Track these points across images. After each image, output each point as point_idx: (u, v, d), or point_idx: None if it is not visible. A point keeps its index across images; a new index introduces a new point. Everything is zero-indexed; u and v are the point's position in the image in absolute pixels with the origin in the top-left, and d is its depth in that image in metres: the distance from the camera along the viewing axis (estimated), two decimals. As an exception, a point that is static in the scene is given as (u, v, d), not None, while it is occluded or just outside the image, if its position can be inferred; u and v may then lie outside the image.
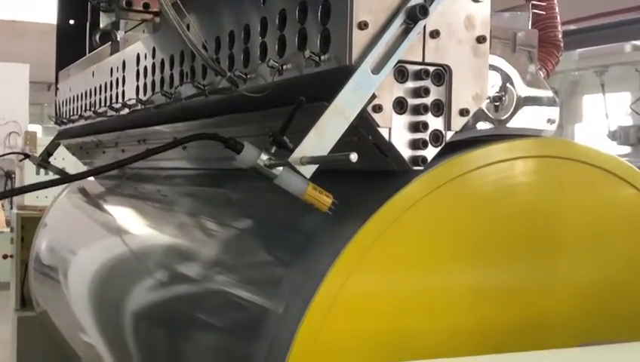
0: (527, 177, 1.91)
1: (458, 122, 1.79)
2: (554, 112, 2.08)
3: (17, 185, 13.81)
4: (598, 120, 8.83)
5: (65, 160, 5.26)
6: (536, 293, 1.92)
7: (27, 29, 25.56)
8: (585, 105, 8.98)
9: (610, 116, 8.48)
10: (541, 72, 2.12)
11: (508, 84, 1.97)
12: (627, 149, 8.50)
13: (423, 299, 1.78)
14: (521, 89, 2.00)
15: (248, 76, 2.08)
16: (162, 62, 2.73)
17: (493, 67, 1.91)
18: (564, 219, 1.96)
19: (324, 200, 1.70)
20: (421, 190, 1.76)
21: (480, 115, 1.91)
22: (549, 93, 2.07)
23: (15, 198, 14.51)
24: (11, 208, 14.66)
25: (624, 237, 2.04)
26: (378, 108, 1.70)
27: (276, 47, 1.95)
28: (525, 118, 2.01)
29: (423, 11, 1.66)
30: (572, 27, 7.80)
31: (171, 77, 2.64)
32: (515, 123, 1.99)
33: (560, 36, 2.21)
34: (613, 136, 8.37)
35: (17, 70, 17.46)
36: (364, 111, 1.68)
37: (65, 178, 2.57)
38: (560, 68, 7.69)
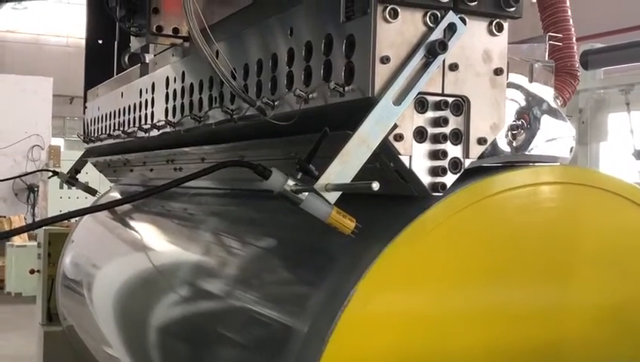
0: (544, 203, 1.98)
1: (476, 150, 1.87)
2: (570, 139, 2.16)
3: (40, 198, 14.02)
4: (624, 138, 8.76)
5: (88, 174, 5.40)
6: (555, 316, 1.99)
7: (50, 43, 25.96)
8: (610, 124, 8.93)
9: (635, 135, 8.42)
10: (558, 101, 2.20)
11: (525, 113, 2.05)
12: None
13: (445, 319, 1.86)
14: (538, 117, 2.08)
15: (275, 103, 2.17)
16: (191, 86, 2.83)
17: (510, 97, 1.99)
18: (581, 245, 2.03)
19: (348, 223, 1.78)
20: (440, 215, 1.84)
21: (498, 143, 1.99)
22: (566, 121, 2.15)
23: (38, 211, 14.74)
24: (33, 220, 14.90)
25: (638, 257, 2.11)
26: (399, 137, 1.79)
27: (302, 76, 2.05)
28: (542, 146, 2.08)
29: (442, 46, 1.75)
30: (598, 45, 7.82)
31: (200, 101, 2.75)
32: (532, 150, 2.07)
33: (577, 65, 2.29)
34: (638, 154, 8.32)
35: (41, 84, 17.68)
36: (386, 139, 1.77)
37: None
38: (585, 86, 7.66)
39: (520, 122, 2.04)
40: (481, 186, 1.89)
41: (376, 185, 1.61)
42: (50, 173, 4.72)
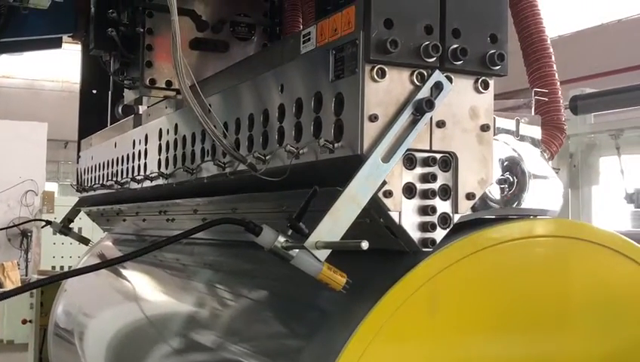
0: (533, 256, 2.00)
1: (465, 205, 1.89)
2: (558, 192, 2.18)
3: (34, 244, 13.94)
4: (616, 181, 8.78)
5: (82, 220, 5.40)
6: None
7: (45, 88, 26.11)
8: (601, 167, 8.96)
9: (627, 178, 8.45)
10: (545, 154, 2.23)
11: (513, 168, 2.08)
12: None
13: (434, 374, 1.86)
14: (526, 171, 2.11)
15: (267, 158, 2.20)
16: (184, 139, 2.87)
17: (498, 152, 2.02)
18: (572, 297, 2.04)
19: (339, 279, 1.80)
20: (430, 270, 1.86)
21: (487, 197, 2.02)
22: (553, 174, 2.18)
23: (31, 256, 14.65)
24: (27, 266, 14.82)
25: (631, 312, 2.12)
26: (389, 194, 1.81)
27: (293, 132, 2.08)
28: (530, 199, 2.11)
29: (429, 105, 1.78)
30: (587, 90, 7.91)
31: (192, 153, 2.78)
32: (520, 204, 2.09)
33: (563, 119, 2.33)
34: (630, 198, 8.34)
35: (35, 129, 17.69)
36: (375, 196, 1.79)
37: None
38: (575, 131, 7.71)
39: (508, 177, 2.07)
40: (469, 241, 1.91)
41: (365, 244, 1.63)
42: (44, 223, 4.72)
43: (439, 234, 1.86)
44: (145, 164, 3.32)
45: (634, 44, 15.73)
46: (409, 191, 1.84)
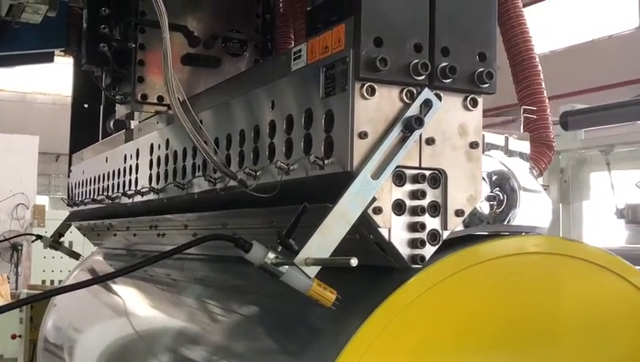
0: (523, 273, 2.01)
1: (454, 222, 1.90)
2: (547, 209, 2.20)
3: (24, 258, 13.89)
4: (606, 196, 8.82)
5: (72, 233, 5.38)
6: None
7: (37, 101, 26.08)
8: (592, 183, 9.02)
9: (617, 193, 8.50)
10: (534, 171, 2.25)
11: (502, 184, 2.10)
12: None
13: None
14: (516, 188, 2.12)
15: (257, 173, 2.21)
16: (175, 154, 2.87)
17: (487, 169, 2.03)
18: (561, 314, 2.05)
19: (329, 296, 1.80)
20: (419, 287, 1.86)
21: (476, 214, 2.03)
22: (541, 191, 2.19)
23: (21, 270, 14.59)
24: (17, 280, 14.74)
25: (620, 329, 2.13)
26: (378, 210, 1.82)
27: (284, 148, 2.09)
28: (519, 216, 2.12)
29: (418, 122, 1.79)
30: (578, 106, 7.97)
31: (184, 168, 2.78)
32: (510, 220, 2.11)
33: (552, 136, 2.35)
34: (620, 214, 8.39)
35: (27, 142, 17.64)
36: (365, 212, 1.80)
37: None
38: (566, 147, 7.78)
39: (498, 193, 2.08)
40: (459, 257, 1.92)
41: (354, 261, 1.64)
42: (34, 237, 4.70)
43: (429, 250, 1.87)
44: (136, 179, 3.32)
45: (624, 59, 15.86)
46: (398, 207, 1.85)
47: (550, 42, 17.66)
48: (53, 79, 24.37)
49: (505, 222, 2.10)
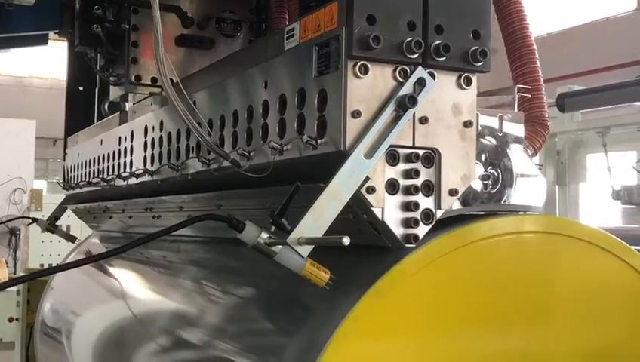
0: (517, 252, 2.00)
1: (447, 201, 1.90)
2: (541, 188, 2.19)
3: (22, 242, 13.90)
4: (603, 178, 8.84)
5: (70, 217, 5.37)
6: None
7: (33, 85, 25.98)
8: (589, 164, 9.02)
9: (613, 175, 8.51)
10: (529, 150, 2.24)
11: (496, 163, 2.09)
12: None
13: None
14: (509, 167, 2.11)
15: (251, 154, 2.20)
16: (169, 135, 2.86)
17: (481, 148, 2.02)
18: (556, 293, 2.05)
19: (322, 275, 1.80)
20: (413, 266, 1.86)
21: (469, 193, 2.02)
22: (536, 171, 2.18)
23: (20, 255, 14.61)
24: (15, 264, 14.75)
25: (615, 308, 2.13)
26: (371, 190, 1.81)
27: (277, 128, 2.08)
28: (514, 195, 2.11)
29: (412, 101, 1.78)
30: (575, 87, 7.95)
31: (178, 150, 2.77)
32: (505, 200, 2.10)
33: (547, 115, 2.34)
34: (617, 195, 8.40)
35: (24, 126, 17.58)
36: (358, 192, 1.79)
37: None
38: (562, 128, 7.78)
39: (492, 172, 2.07)
40: (452, 237, 1.91)
41: (346, 240, 1.63)
42: (31, 221, 4.70)
43: (422, 230, 1.87)
44: (131, 161, 3.31)
45: (622, 41, 15.79)
46: (392, 187, 1.84)
47: (548, 24, 17.59)
48: (51, 63, 24.27)
49: (500, 202, 2.09)
